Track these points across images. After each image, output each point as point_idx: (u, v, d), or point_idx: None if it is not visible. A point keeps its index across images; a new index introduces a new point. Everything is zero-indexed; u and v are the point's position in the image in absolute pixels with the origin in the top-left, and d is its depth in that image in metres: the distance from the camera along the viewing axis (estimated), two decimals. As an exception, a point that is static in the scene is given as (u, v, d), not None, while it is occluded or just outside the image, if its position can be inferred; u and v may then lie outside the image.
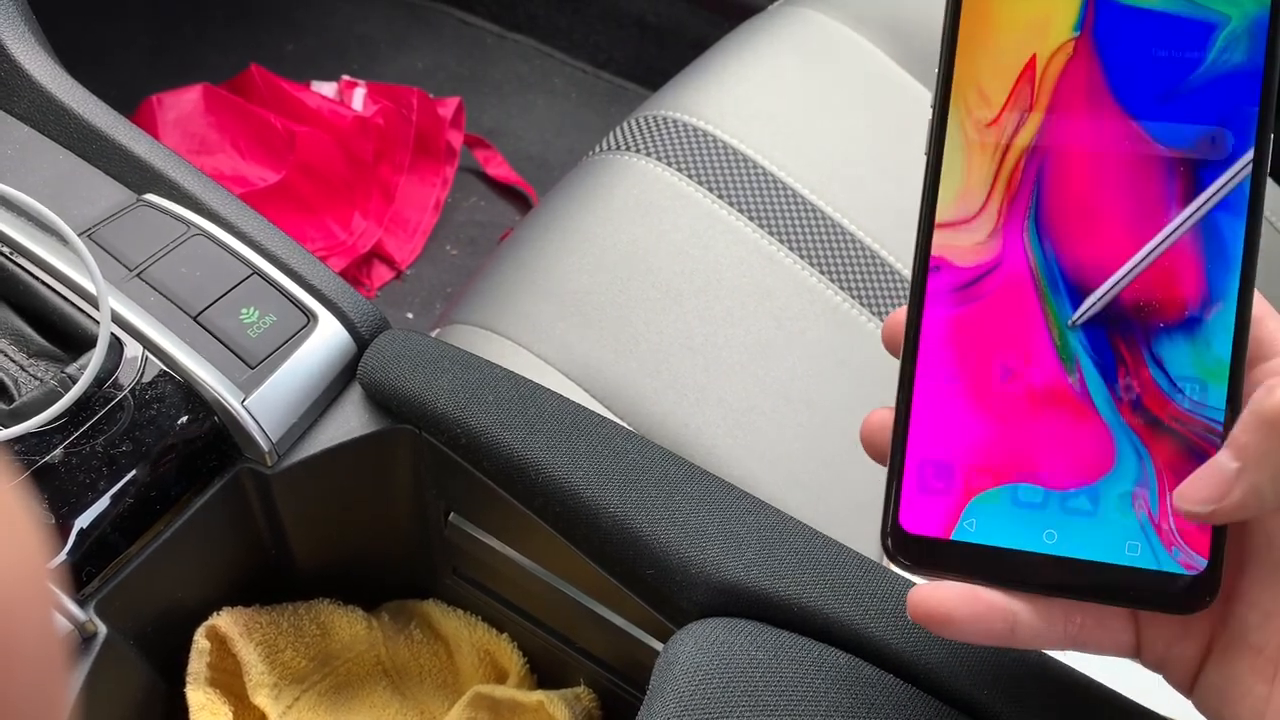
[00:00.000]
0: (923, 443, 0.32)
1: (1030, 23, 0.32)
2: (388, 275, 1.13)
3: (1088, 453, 0.32)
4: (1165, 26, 0.31)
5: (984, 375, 0.32)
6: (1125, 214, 0.32)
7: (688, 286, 0.66)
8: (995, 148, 0.32)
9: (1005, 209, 0.32)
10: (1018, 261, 0.32)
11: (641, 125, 0.73)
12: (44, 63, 0.51)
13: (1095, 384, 0.32)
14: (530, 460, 0.43)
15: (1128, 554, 0.31)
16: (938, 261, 0.32)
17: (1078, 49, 0.32)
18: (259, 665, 0.48)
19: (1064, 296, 0.32)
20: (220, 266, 0.47)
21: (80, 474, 0.41)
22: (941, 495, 0.32)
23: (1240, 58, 0.31)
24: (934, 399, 0.32)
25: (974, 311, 0.32)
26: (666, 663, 0.38)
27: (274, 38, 1.28)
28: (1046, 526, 0.32)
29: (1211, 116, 0.31)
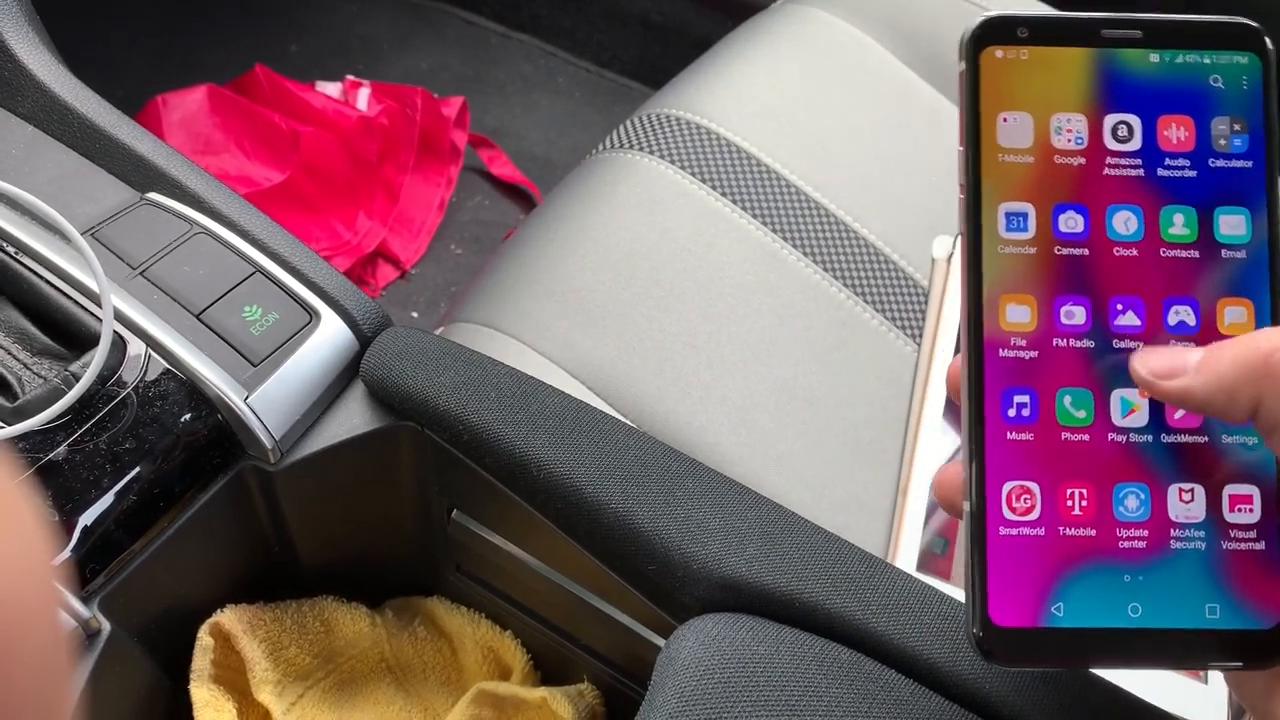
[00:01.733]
0: (1002, 531, 0.32)
1: (1046, 92, 0.33)
2: (392, 275, 1.13)
3: (1159, 492, 0.32)
4: (1171, 94, 0.33)
5: (1053, 426, 0.32)
6: (1157, 282, 0.32)
7: (691, 284, 0.66)
8: (1031, 218, 0.33)
9: (1047, 280, 0.33)
10: (1071, 306, 0.33)
11: (645, 123, 0.73)
12: (48, 62, 0.51)
13: (1159, 452, 0.32)
14: (532, 457, 0.43)
15: (1209, 617, 0.32)
16: (993, 337, 0.33)
17: (1093, 116, 0.33)
18: (263, 662, 0.48)
19: (1118, 337, 0.32)
20: (223, 264, 0.47)
21: (84, 471, 0.41)
22: (1028, 585, 0.32)
23: (1243, 121, 0.32)
24: (1008, 457, 0.33)
25: (1036, 360, 0.33)
26: (668, 658, 0.38)
27: (278, 38, 1.28)
28: (1131, 601, 0.32)
29: (1225, 178, 0.32)
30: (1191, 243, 0.32)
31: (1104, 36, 0.33)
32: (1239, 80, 0.33)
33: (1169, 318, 0.32)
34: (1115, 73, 0.33)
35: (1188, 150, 0.33)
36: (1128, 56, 0.33)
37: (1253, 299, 0.32)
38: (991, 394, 0.32)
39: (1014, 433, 0.32)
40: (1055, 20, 0.33)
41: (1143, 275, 0.33)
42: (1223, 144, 0.33)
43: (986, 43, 0.33)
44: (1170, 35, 0.33)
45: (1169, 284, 0.32)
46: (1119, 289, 0.33)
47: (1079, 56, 0.33)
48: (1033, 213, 0.33)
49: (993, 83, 0.33)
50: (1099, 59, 0.33)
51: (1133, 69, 0.33)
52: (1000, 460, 0.32)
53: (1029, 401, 0.32)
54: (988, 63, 0.33)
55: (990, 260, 0.33)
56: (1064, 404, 0.32)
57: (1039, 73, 0.33)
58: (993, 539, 0.32)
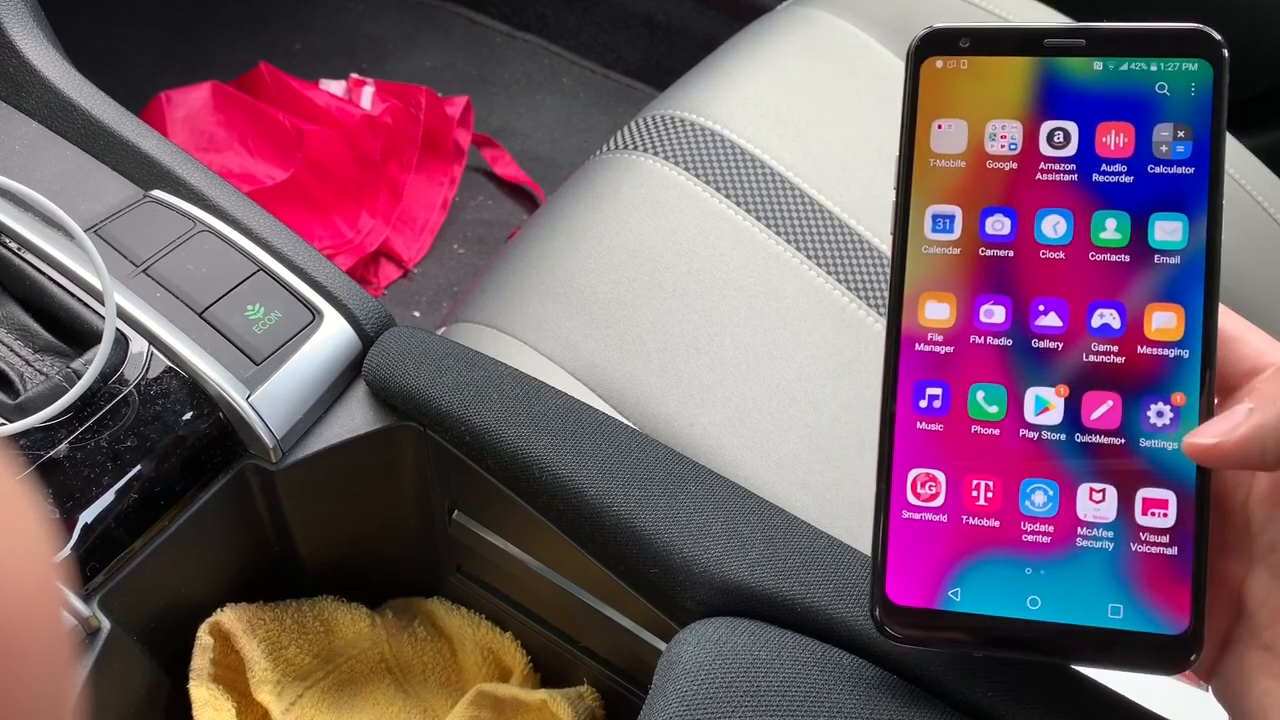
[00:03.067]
0: (904, 515, 0.33)
1: (985, 103, 0.33)
2: (395, 274, 1.13)
3: (1068, 491, 0.32)
4: (1115, 103, 0.33)
5: (964, 419, 0.33)
6: (1088, 282, 0.32)
7: (694, 286, 0.65)
8: (960, 222, 0.33)
9: (972, 278, 0.33)
10: (991, 305, 0.33)
11: (649, 125, 0.73)
12: (52, 59, 0.51)
13: (1072, 451, 0.32)
14: (534, 458, 0.43)
15: (1110, 617, 0.32)
16: (910, 332, 0.33)
17: (1031, 126, 0.33)
18: (262, 662, 0.48)
19: (1038, 337, 0.33)
20: (226, 263, 0.47)
21: (85, 469, 0.41)
22: (927, 567, 0.33)
23: (1188, 130, 0.32)
24: (916, 445, 0.33)
25: (951, 355, 0.33)
26: (669, 662, 0.38)
27: (283, 36, 1.28)
28: (1030, 593, 0.32)
29: (1165, 188, 0.32)
30: (1123, 247, 0.32)
31: (1046, 46, 0.33)
32: (1187, 87, 0.32)
33: (1093, 320, 0.32)
34: (1055, 81, 0.33)
35: (1126, 156, 0.33)
36: (1070, 65, 0.33)
37: (1184, 304, 0.32)
38: (905, 384, 0.33)
39: (924, 422, 0.33)
40: (998, 31, 0.33)
41: (1069, 278, 0.33)
42: (1164, 150, 0.32)
43: (928, 53, 0.33)
44: (1115, 43, 0.33)
45: (1096, 288, 0.32)
46: (1042, 290, 0.33)
47: (1019, 65, 0.33)
48: (959, 215, 0.33)
49: (931, 91, 0.33)
50: (1040, 68, 0.33)
51: (1074, 77, 0.33)
52: (908, 447, 0.33)
53: (941, 394, 0.33)
54: (928, 72, 0.33)
55: (914, 259, 0.33)
56: (976, 399, 0.33)
57: (977, 81, 0.33)
58: (895, 521, 0.33)
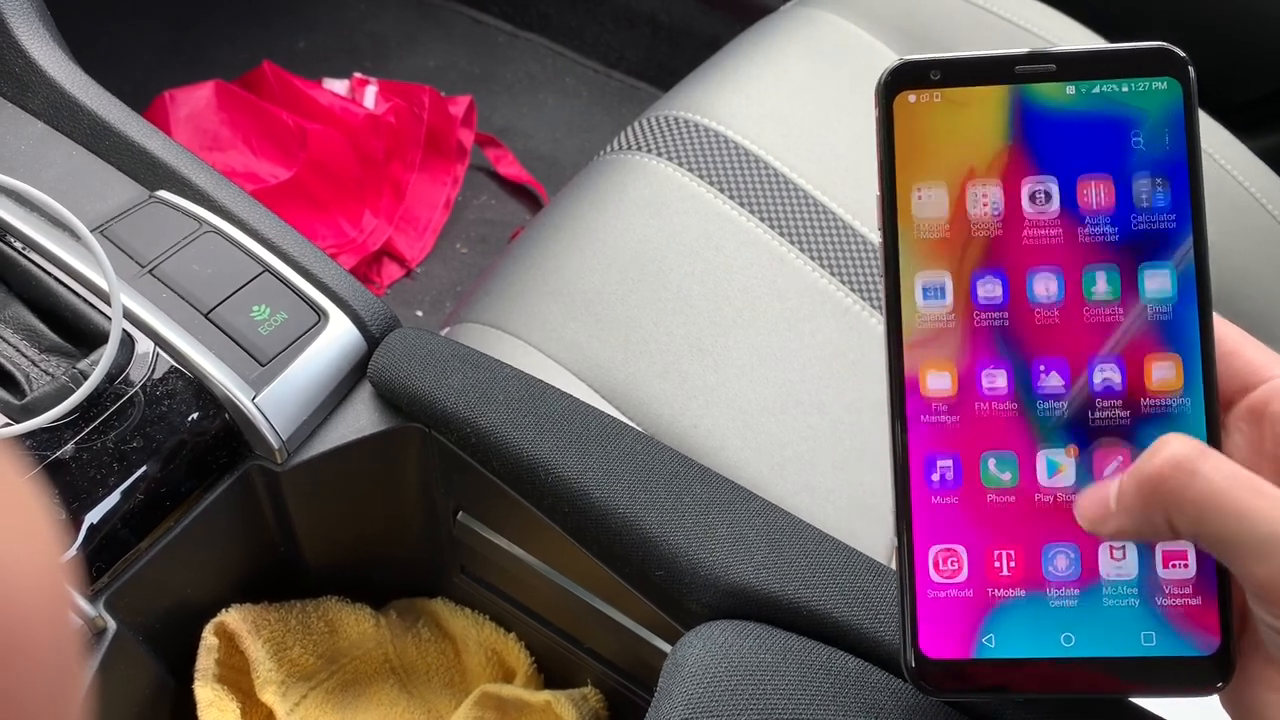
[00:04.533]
0: (930, 566, 0.33)
1: (962, 135, 0.32)
2: (398, 273, 1.13)
3: (1089, 551, 0.32)
4: (1090, 126, 0.32)
5: (978, 489, 0.32)
6: (1086, 310, 0.32)
7: (698, 287, 0.65)
8: (952, 262, 0.32)
9: (970, 320, 0.32)
10: (994, 368, 0.32)
11: (653, 125, 0.73)
12: (58, 59, 0.51)
13: (1082, 476, 0.32)
14: (539, 460, 0.43)
15: (1144, 645, 0.32)
16: (914, 382, 0.33)
17: (1012, 155, 0.32)
18: (267, 662, 0.48)
19: (1044, 397, 0.32)
20: (232, 263, 0.47)
21: (91, 469, 0.41)
22: (958, 620, 0.32)
23: (1164, 148, 0.32)
24: (933, 520, 0.33)
25: (958, 425, 0.32)
26: (674, 664, 0.38)
27: (286, 35, 1.28)
28: (1063, 630, 0.32)
29: (1147, 208, 0.32)
30: (1114, 299, 0.32)
31: (1018, 73, 0.32)
32: (1159, 105, 0.32)
33: (1094, 377, 0.32)
34: (1030, 109, 0.32)
35: (1108, 181, 0.32)
36: (1043, 91, 0.32)
37: (1180, 353, 0.32)
38: (915, 459, 0.32)
39: (938, 497, 0.32)
40: (967, 61, 0.32)
41: (1069, 299, 0.32)
42: (1144, 185, 0.32)
43: (899, 88, 0.33)
44: (1085, 66, 0.32)
45: (1093, 341, 0.32)
46: (1043, 349, 0.32)
47: (993, 95, 0.32)
48: (949, 281, 0.33)
49: (907, 128, 0.33)
50: (1013, 95, 0.32)
51: (1048, 103, 0.32)
52: (926, 523, 0.32)
53: (952, 465, 0.32)
54: (901, 108, 0.33)
55: (909, 315, 0.33)
56: (988, 467, 0.32)
57: (952, 115, 0.33)
58: (922, 595, 0.32)
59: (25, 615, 0.18)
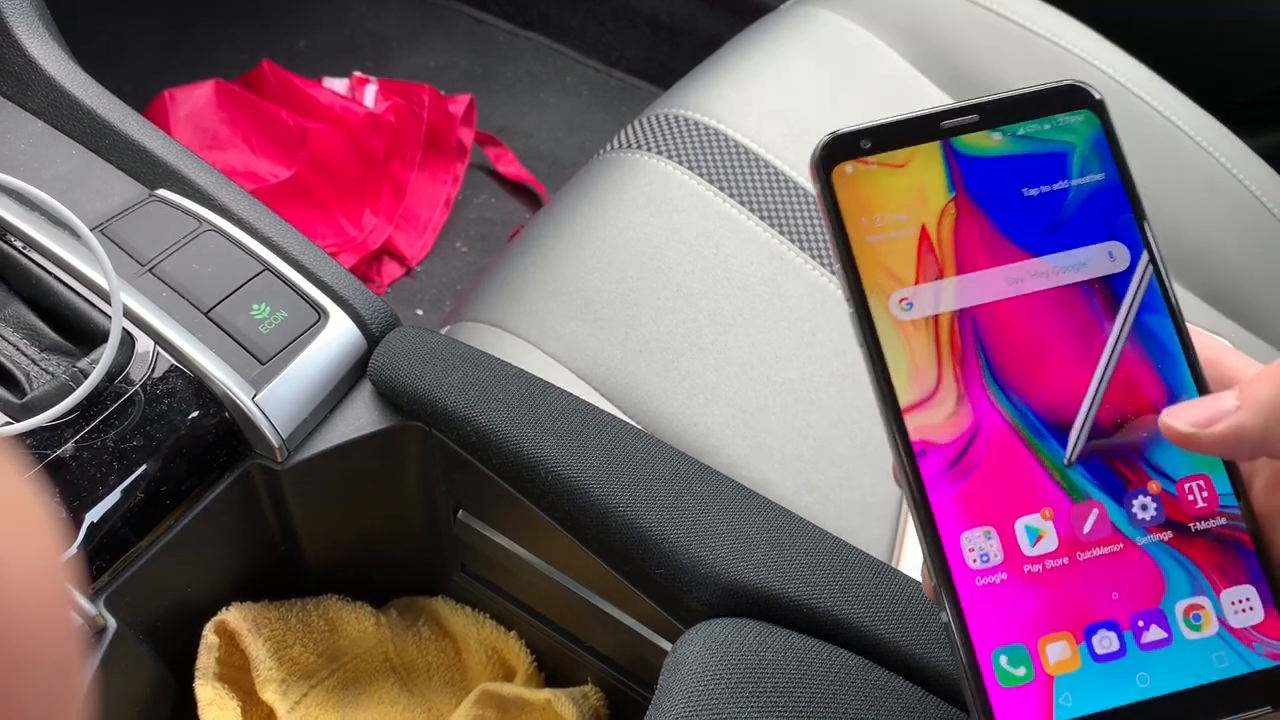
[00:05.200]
0: (985, 631, 0.31)
1: (907, 196, 0.33)
2: (398, 272, 1.13)
3: (1138, 582, 0.32)
4: (1025, 166, 0.33)
5: (1011, 541, 0.32)
6: (1068, 344, 0.32)
7: (698, 285, 0.65)
8: (925, 320, 0.32)
9: (960, 375, 0.32)
10: (994, 420, 0.32)
11: (653, 123, 0.73)
12: (58, 57, 0.51)
13: (1114, 512, 0.32)
14: (539, 458, 0.43)
15: (1218, 667, 0.31)
16: (921, 446, 0.32)
17: (959, 208, 0.33)
18: (267, 661, 0.48)
19: (1050, 439, 0.32)
20: (232, 262, 0.47)
21: (91, 468, 0.41)
22: (1026, 683, 0.31)
23: (1098, 175, 0.33)
24: (976, 582, 0.32)
25: (976, 481, 0.32)
26: (675, 662, 0.38)
27: (286, 34, 1.28)
28: (1136, 671, 0.31)
29: (1100, 234, 0.32)
30: (1087, 297, 0.32)
31: (944, 128, 0.33)
32: (1082, 138, 0.33)
33: (1087, 376, 0.32)
34: (964, 158, 0.33)
35: (1054, 212, 0.33)
36: (971, 141, 0.33)
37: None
38: (934, 490, 0.32)
39: (965, 526, 0.32)
40: (894, 125, 0.33)
41: (1049, 337, 0.32)
42: (1089, 211, 0.33)
43: (834, 161, 0.33)
44: (1005, 112, 0.33)
45: (1076, 339, 0.32)
46: (1023, 354, 0.32)
47: (926, 152, 0.33)
48: (930, 333, 0.32)
49: (851, 195, 0.33)
50: (945, 150, 0.33)
51: (980, 151, 0.33)
52: (960, 560, 0.32)
53: (974, 489, 0.32)
54: (840, 180, 0.33)
55: (894, 361, 0.32)
56: (1010, 486, 0.32)
57: (893, 176, 0.33)
58: (979, 643, 0.31)
59: (26, 614, 0.18)
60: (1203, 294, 0.74)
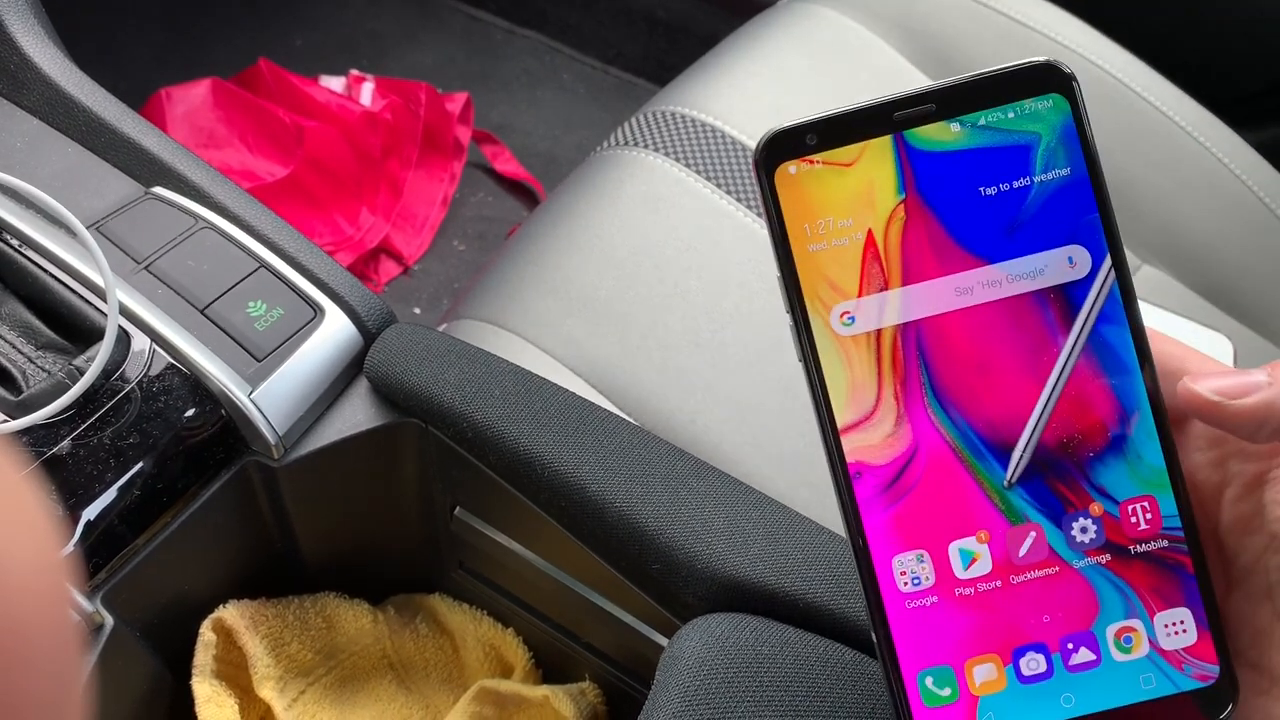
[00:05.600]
0: (912, 653, 0.31)
1: (854, 199, 0.30)
2: (395, 270, 1.13)
3: (1071, 605, 0.31)
4: (985, 162, 0.30)
5: (944, 564, 0.31)
6: (1016, 359, 0.31)
7: (695, 282, 0.65)
8: (867, 336, 0.31)
9: (901, 393, 0.31)
10: (933, 441, 0.31)
11: (649, 121, 0.73)
12: (53, 56, 0.51)
13: (1053, 535, 0.31)
14: (536, 455, 0.43)
15: (1145, 688, 0.31)
16: (856, 468, 0.31)
17: (909, 211, 0.30)
18: (265, 658, 0.48)
19: (991, 460, 0.31)
20: (228, 260, 0.47)
21: (87, 466, 0.41)
22: (951, 703, 0.31)
23: (1064, 170, 0.30)
24: (906, 605, 0.31)
25: (912, 504, 0.31)
26: (671, 657, 0.38)
27: (283, 32, 1.28)
28: (1062, 692, 0.31)
29: (1060, 237, 0.30)
30: (1040, 307, 0.31)
31: (897, 120, 0.30)
32: (1049, 128, 0.30)
33: (1034, 394, 0.31)
34: (917, 155, 0.30)
35: (1013, 216, 0.31)
36: (926, 135, 0.30)
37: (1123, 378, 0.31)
38: (868, 513, 0.31)
39: (898, 548, 0.31)
40: (842, 117, 0.30)
41: (995, 352, 0.31)
42: (1051, 214, 0.30)
43: (777, 160, 0.30)
44: (965, 99, 0.30)
45: (1025, 354, 0.31)
46: (967, 371, 0.31)
47: (876, 149, 0.30)
48: (870, 348, 0.31)
49: (794, 200, 0.30)
50: (897, 146, 0.30)
51: (934, 146, 0.30)
52: (889, 581, 0.31)
53: (908, 512, 0.31)
54: (784, 181, 0.30)
55: (832, 378, 0.31)
56: (945, 508, 0.31)
57: (840, 178, 0.30)
58: (905, 662, 0.31)
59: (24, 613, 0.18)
60: (1201, 290, 0.74)
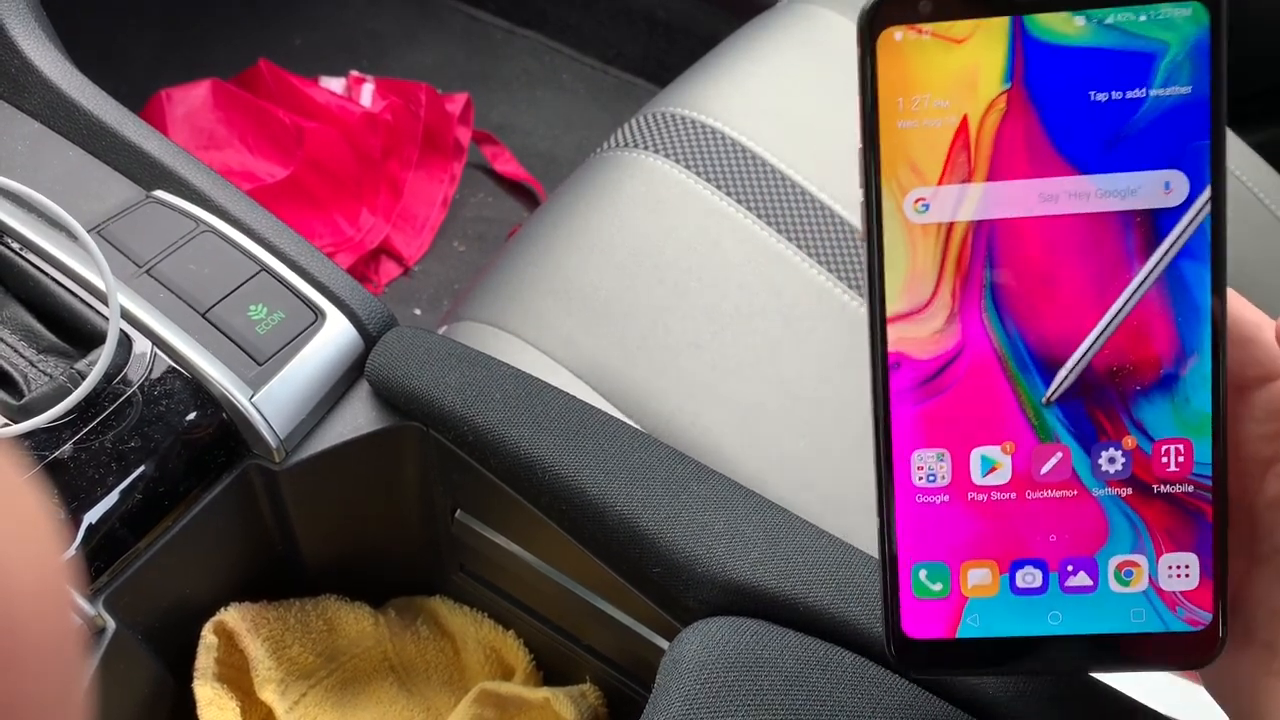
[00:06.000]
0: (912, 545, 0.31)
1: (956, 80, 0.29)
2: (395, 271, 1.13)
3: (1080, 529, 0.31)
4: (1101, 64, 0.29)
5: (963, 467, 0.31)
6: (1085, 278, 0.30)
7: (695, 284, 0.66)
8: (938, 226, 0.30)
9: (959, 291, 0.30)
10: (981, 345, 0.30)
11: (650, 122, 0.73)
12: (54, 59, 0.51)
13: (1079, 459, 0.31)
14: (537, 458, 0.43)
15: (1133, 621, 0.31)
16: (896, 358, 0.31)
17: (1011, 103, 0.29)
18: (266, 661, 0.48)
19: (1034, 374, 0.30)
20: (229, 263, 0.47)
21: (89, 469, 0.41)
22: (939, 598, 0.31)
23: (1184, 88, 0.28)
24: (916, 499, 0.31)
25: (944, 404, 0.31)
26: (672, 661, 0.38)
27: (283, 33, 1.28)
28: (1050, 609, 0.31)
29: (1162, 159, 0.29)
30: (1124, 229, 0.29)
31: (1021, 1, 0.28)
32: (1180, 39, 0.28)
33: (1095, 316, 0.30)
34: (1033, 43, 0.28)
35: (1120, 127, 0.29)
36: (1048, 23, 0.28)
37: (1186, 309, 0.30)
38: (899, 404, 0.31)
39: (921, 443, 0.31)
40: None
41: (1066, 266, 0.30)
42: (1159, 132, 0.29)
43: (884, 24, 0.29)
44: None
45: (1096, 274, 0.30)
46: (1033, 281, 0.30)
47: (991, 29, 0.28)
48: (940, 244, 0.30)
49: (893, 70, 0.29)
50: (1014, 29, 0.28)
51: (1053, 38, 0.28)
52: (905, 471, 0.31)
53: (939, 410, 0.31)
54: (886, 48, 0.29)
55: (892, 263, 0.30)
56: (977, 412, 0.31)
57: (946, 54, 0.29)
58: (903, 549, 0.32)
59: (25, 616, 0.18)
60: (1199, 290, 0.74)
